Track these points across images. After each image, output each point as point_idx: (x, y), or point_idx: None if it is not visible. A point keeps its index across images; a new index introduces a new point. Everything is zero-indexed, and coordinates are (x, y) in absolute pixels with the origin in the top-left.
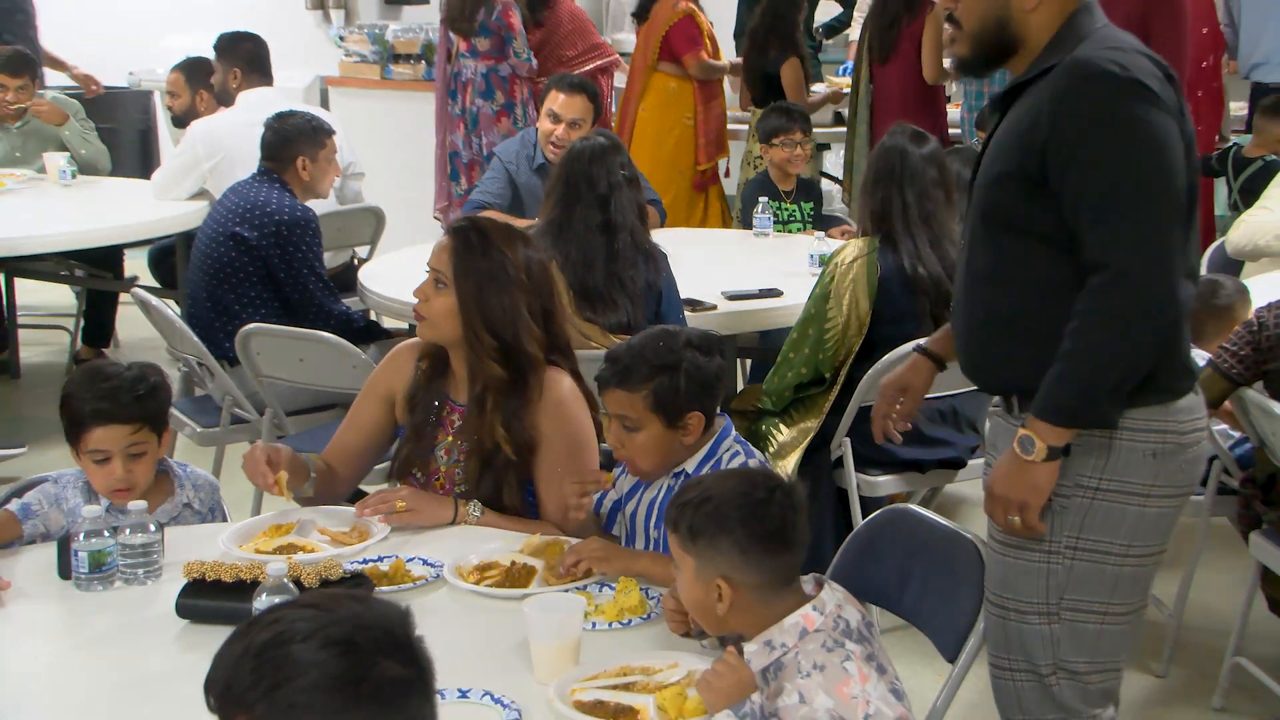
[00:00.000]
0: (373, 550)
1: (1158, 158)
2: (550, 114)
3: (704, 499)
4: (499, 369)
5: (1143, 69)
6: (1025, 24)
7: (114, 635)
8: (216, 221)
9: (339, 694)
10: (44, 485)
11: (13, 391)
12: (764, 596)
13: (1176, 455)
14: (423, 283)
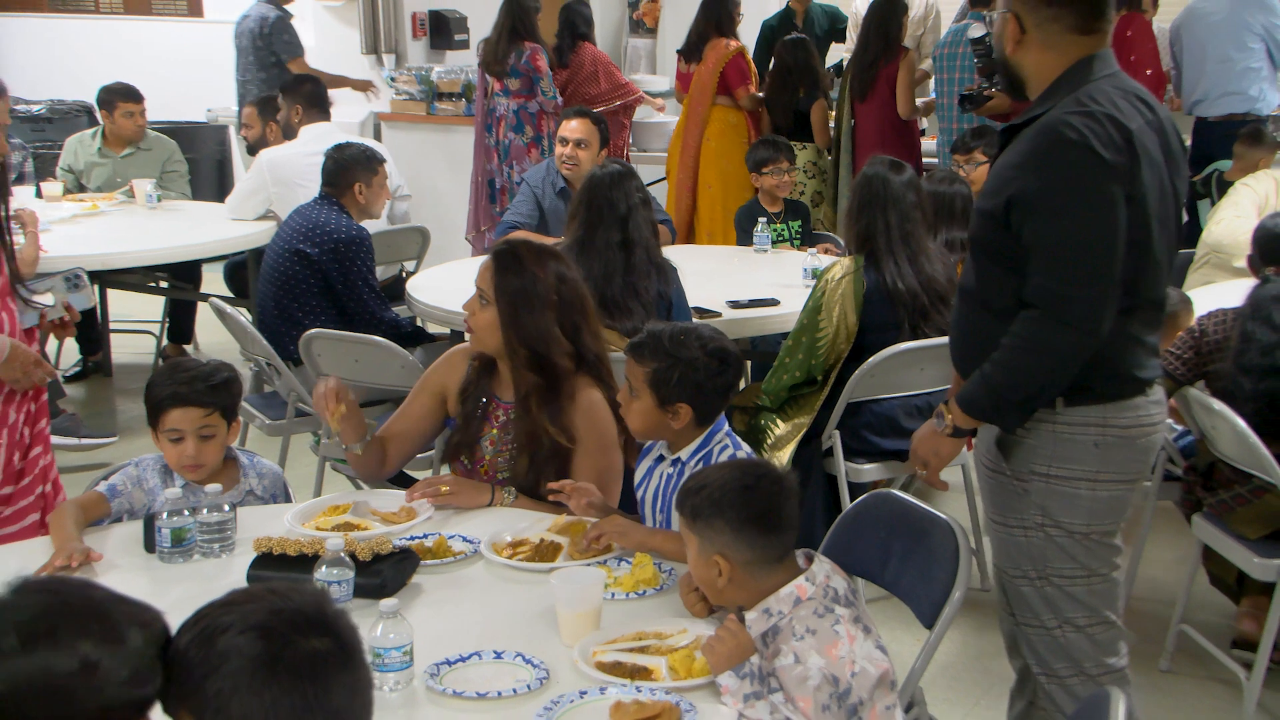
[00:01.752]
0: (419, 528)
1: (1096, 225)
2: (561, 139)
3: (703, 486)
4: (533, 376)
5: (1102, 133)
6: (1020, 64)
7: (192, 602)
8: (282, 239)
9: (260, 673)
10: (127, 469)
11: (105, 388)
12: (757, 571)
13: (1121, 447)
14: (470, 298)
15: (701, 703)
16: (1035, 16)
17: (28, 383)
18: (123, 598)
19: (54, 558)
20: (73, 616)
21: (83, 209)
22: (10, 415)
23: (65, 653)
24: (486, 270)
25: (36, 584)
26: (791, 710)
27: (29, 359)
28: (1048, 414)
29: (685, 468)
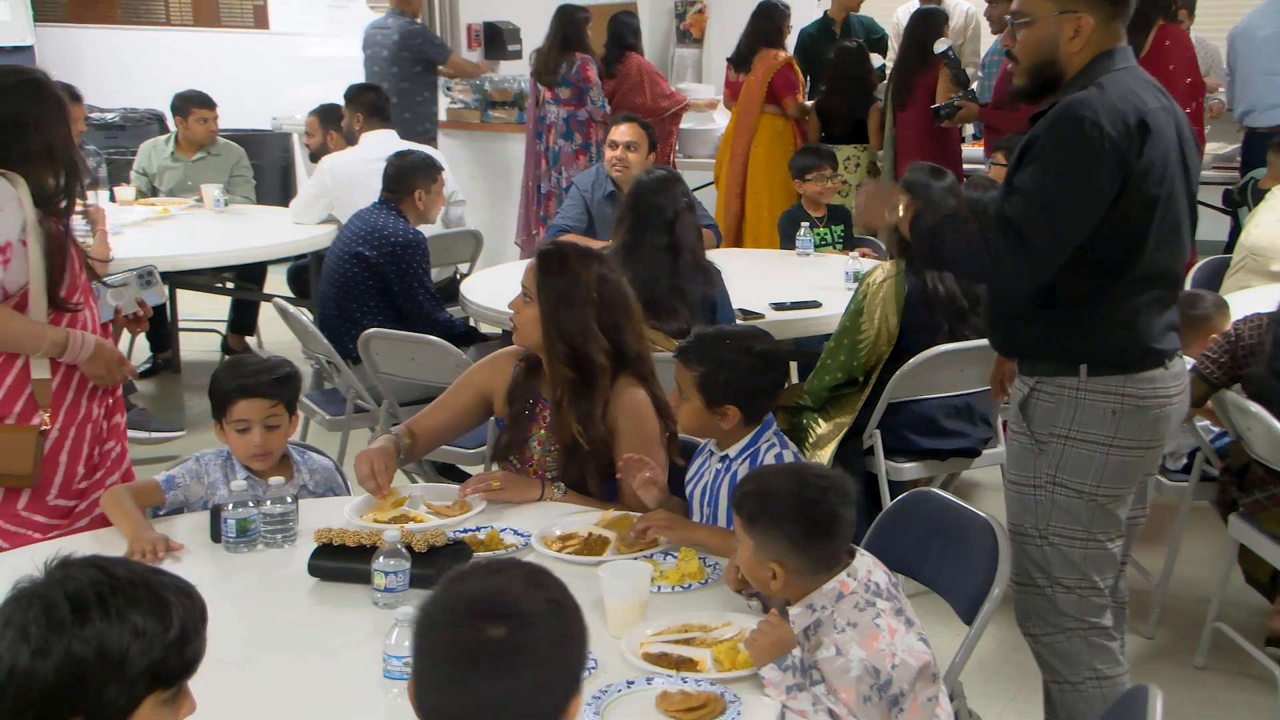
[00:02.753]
0: (472, 522)
1: (1075, 195)
2: (610, 143)
3: (763, 491)
4: (568, 372)
5: (1113, 113)
6: (1069, 62)
7: (255, 590)
8: (343, 243)
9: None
10: (188, 463)
11: (174, 384)
12: (809, 577)
13: (1136, 415)
14: (516, 296)
15: (745, 694)
16: (1100, 14)
17: (110, 380)
18: (159, 570)
19: (131, 548)
20: (119, 588)
21: (154, 212)
22: (92, 410)
23: (117, 621)
24: (531, 269)
25: (79, 560)
26: (833, 701)
27: (113, 357)
28: (1071, 381)
29: (733, 464)
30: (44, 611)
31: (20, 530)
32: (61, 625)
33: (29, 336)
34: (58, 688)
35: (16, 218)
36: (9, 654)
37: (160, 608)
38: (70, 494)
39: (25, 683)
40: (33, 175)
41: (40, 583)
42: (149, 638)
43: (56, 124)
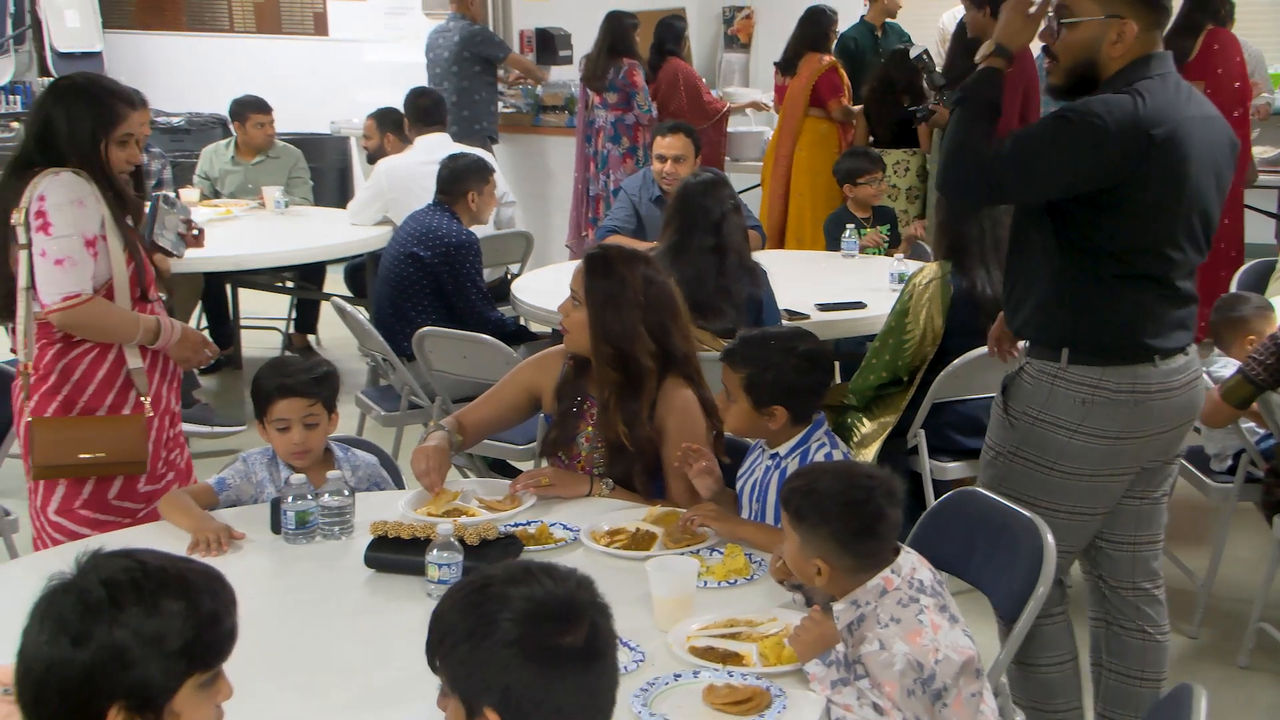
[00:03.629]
0: (522, 516)
1: (1054, 156)
2: (658, 156)
3: (810, 489)
4: (614, 374)
5: (1121, 112)
6: (1108, 66)
7: (313, 580)
8: (398, 243)
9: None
10: (236, 464)
11: (235, 380)
12: (854, 575)
13: (1106, 406)
14: (565, 300)
15: (791, 688)
16: (1144, 19)
17: (195, 362)
18: (187, 558)
19: (195, 539)
20: (150, 574)
21: (217, 214)
22: (171, 399)
23: (151, 605)
24: (579, 272)
25: (109, 551)
26: (877, 695)
27: (198, 339)
28: (1052, 366)
29: (783, 461)
30: (80, 600)
31: (111, 519)
32: (98, 612)
33: (126, 324)
34: (98, 673)
35: (97, 213)
36: (49, 645)
37: (190, 591)
38: (154, 478)
39: (67, 671)
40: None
41: (76, 575)
42: (182, 619)
43: (110, 127)
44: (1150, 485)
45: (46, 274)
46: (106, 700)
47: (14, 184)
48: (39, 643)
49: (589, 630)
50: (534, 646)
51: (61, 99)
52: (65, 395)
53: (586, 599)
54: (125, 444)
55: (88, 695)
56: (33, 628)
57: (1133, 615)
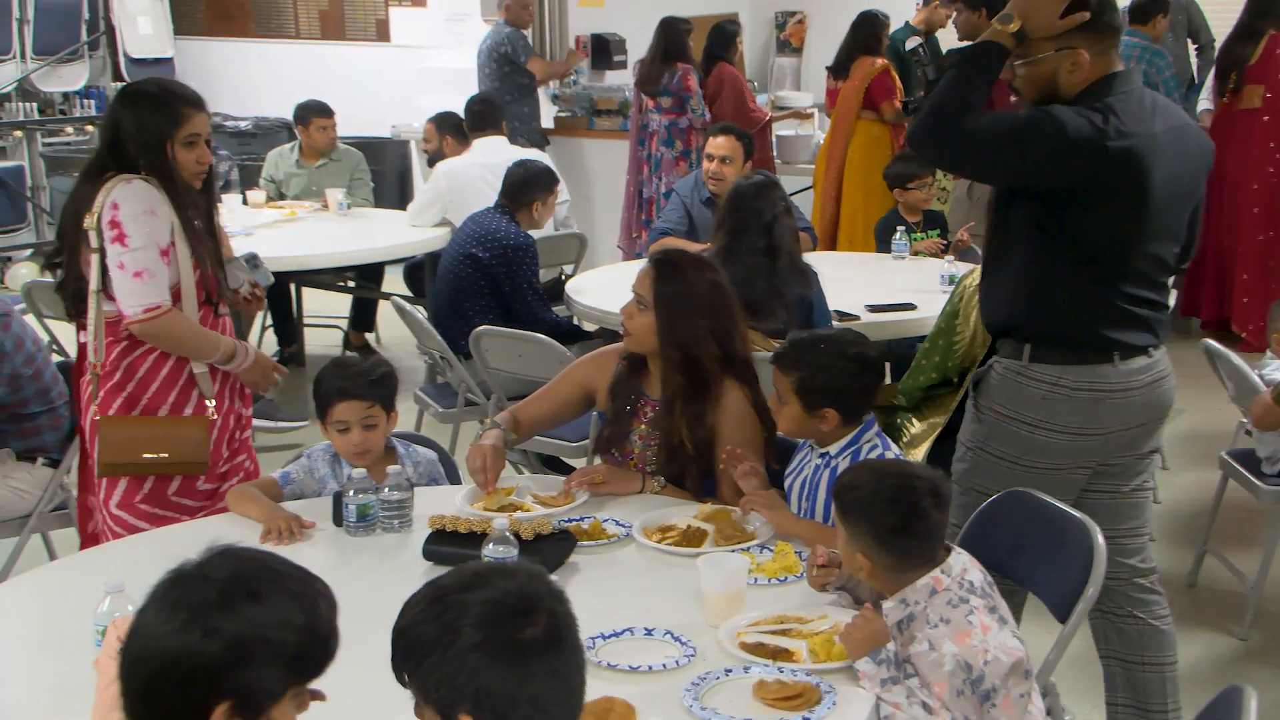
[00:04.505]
0: (576, 512)
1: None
2: (707, 155)
3: (855, 484)
4: (681, 378)
5: (1081, 127)
6: (1071, 91)
7: (373, 571)
8: (458, 244)
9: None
10: (301, 460)
11: (299, 377)
12: (898, 572)
13: (1065, 402)
14: (628, 303)
15: (840, 685)
16: (1095, 46)
17: (263, 385)
18: (306, 569)
19: (267, 526)
20: (281, 578)
21: (282, 215)
22: (234, 401)
23: (282, 608)
24: (646, 277)
25: (243, 548)
26: (926, 695)
27: (268, 366)
28: (1015, 364)
29: (833, 460)
30: (217, 593)
31: (169, 514)
32: (233, 607)
33: (205, 343)
34: (222, 668)
35: (167, 221)
36: (179, 633)
37: (311, 603)
38: (214, 477)
39: (194, 662)
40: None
41: (207, 565)
42: (302, 630)
43: (175, 129)
44: (1121, 480)
45: (126, 286)
46: (219, 697)
47: (88, 188)
48: (167, 630)
49: (547, 619)
50: (498, 645)
51: (129, 103)
52: (129, 393)
53: (541, 589)
54: (187, 445)
55: (205, 689)
56: (160, 614)
57: (1125, 604)
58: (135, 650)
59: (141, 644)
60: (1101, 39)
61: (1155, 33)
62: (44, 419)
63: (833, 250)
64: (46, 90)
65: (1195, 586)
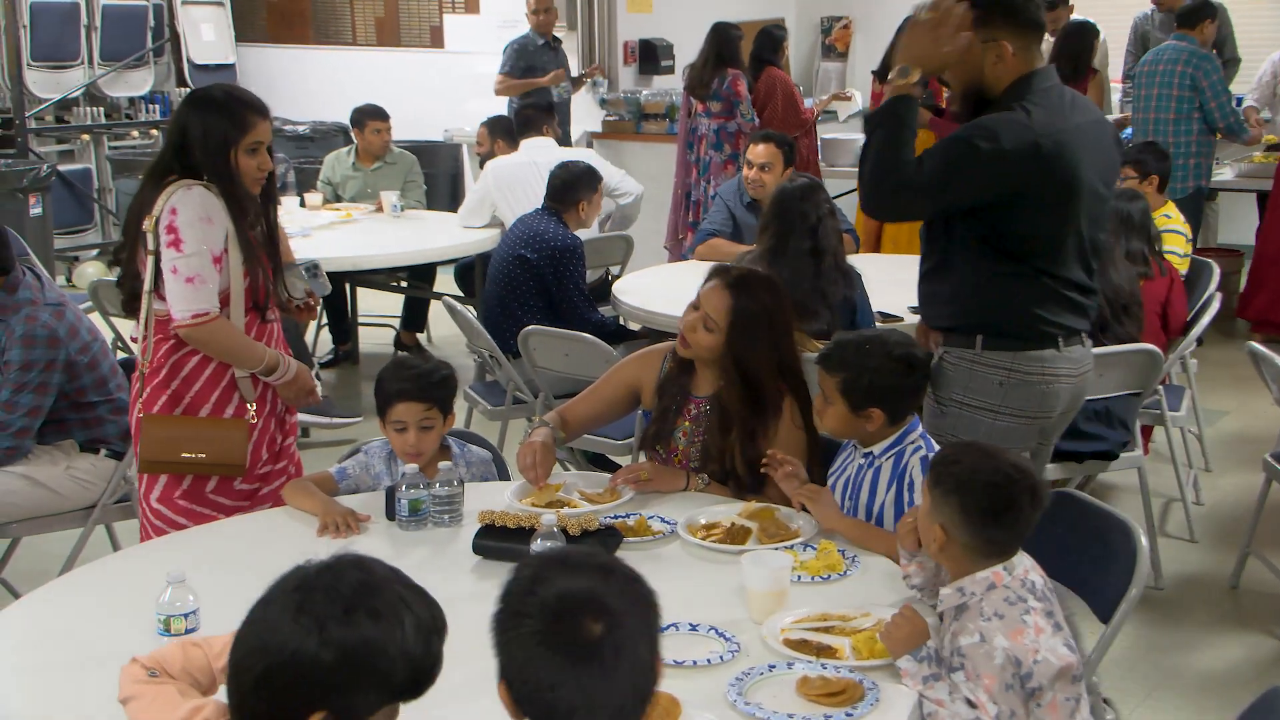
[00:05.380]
0: (622, 509)
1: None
2: (748, 163)
3: (957, 459)
4: (744, 405)
5: (1018, 137)
6: (996, 84)
7: (425, 564)
8: (507, 246)
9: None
10: (358, 455)
11: (353, 374)
12: (972, 555)
13: (1022, 388)
14: (692, 316)
15: (883, 682)
16: (1018, 40)
17: (298, 402)
18: (413, 583)
19: (324, 519)
20: (408, 602)
21: (339, 217)
22: (277, 404)
23: (398, 631)
24: (718, 299)
25: (356, 560)
26: (973, 687)
27: (307, 385)
28: (969, 353)
29: (876, 460)
30: (344, 606)
31: (205, 511)
32: (354, 621)
33: (250, 352)
34: (330, 680)
35: (222, 229)
36: (298, 637)
37: (427, 633)
38: (253, 479)
39: (303, 667)
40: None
41: (339, 574)
42: (412, 660)
43: (240, 134)
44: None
45: (178, 290)
46: (319, 706)
47: (151, 190)
48: (292, 631)
49: (604, 630)
50: (547, 633)
51: (196, 108)
52: (173, 390)
53: (613, 599)
54: (226, 446)
55: (309, 695)
56: (285, 612)
57: None
58: (254, 641)
59: (261, 637)
60: (1024, 34)
61: (1203, 38)
62: (104, 410)
63: (877, 252)
64: (113, 95)
65: (1238, 588)
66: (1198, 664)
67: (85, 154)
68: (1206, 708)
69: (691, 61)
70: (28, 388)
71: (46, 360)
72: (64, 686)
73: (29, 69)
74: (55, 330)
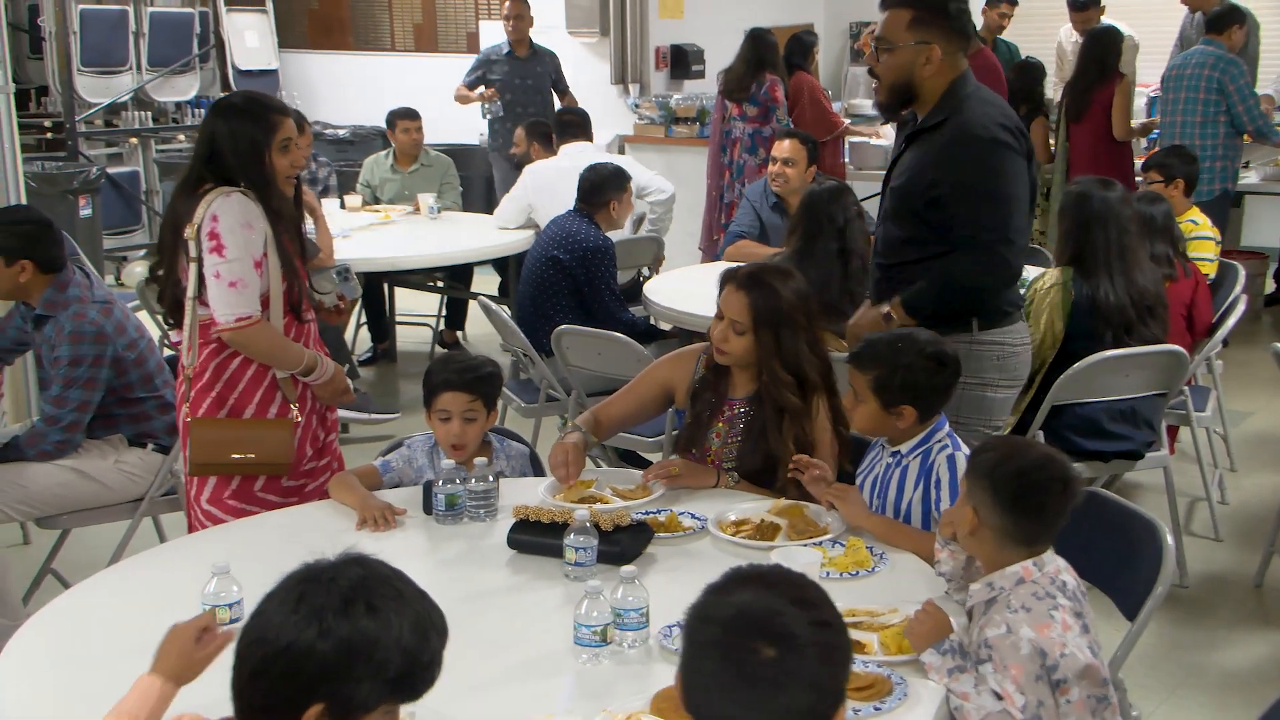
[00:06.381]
0: (653, 505)
1: (1009, 188)
2: (772, 158)
3: (993, 448)
4: (795, 399)
5: (1004, 126)
6: (922, 84)
7: (461, 558)
8: (540, 247)
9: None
10: (400, 450)
11: (390, 372)
12: (1001, 541)
13: (1009, 358)
14: (719, 326)
15: (911, 677)
16: (947, 46)
17: (334, 401)
18: (412, 583)
19: (363, 514)
20: (405, 598)
21: (377, 219)
22: (318, 403)
23: (395, 626)
24: (736, 300)
25: (374, 560)
26: (1000, 679)
27: (343, 386)
28: (967, 336)
29: (904, 459)
30: (341, 599)
31: (254, 509)
32: (351, 614)
33: (289, 354)
34: (326, 670)
35: (262, 234)
36: (295, 628)
37: (423, 630)
38: (299, 475)
39: (299, 658)
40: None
41: (339, 570)
42: (407, 653)
43: (271, 134)
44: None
45: (221, 295)
46: (317, 697)
47: (185, 201)
48: (290, 622)
49: (778, 653)
50: (724, 647)
51: (223, 116)
52: (218, 393)
53: (791, 622)
54: (272, 447)
55: (306, 685)
56: (285, 605)
57: None
58: (254, 633)
59: (261, 628)
60: (953, 41)
61: (1231, 43)
62: (151, 405)
63: None
64: (160, 100)
65: (1261, 587)
66: (1222, 662)
67: (133, 157)
68: (1230, 705)
69: (728, 65)
70: (77, 383)
71: (94, 356)
72: (111, 674)
73: (79, 74)
74: (103, 327)
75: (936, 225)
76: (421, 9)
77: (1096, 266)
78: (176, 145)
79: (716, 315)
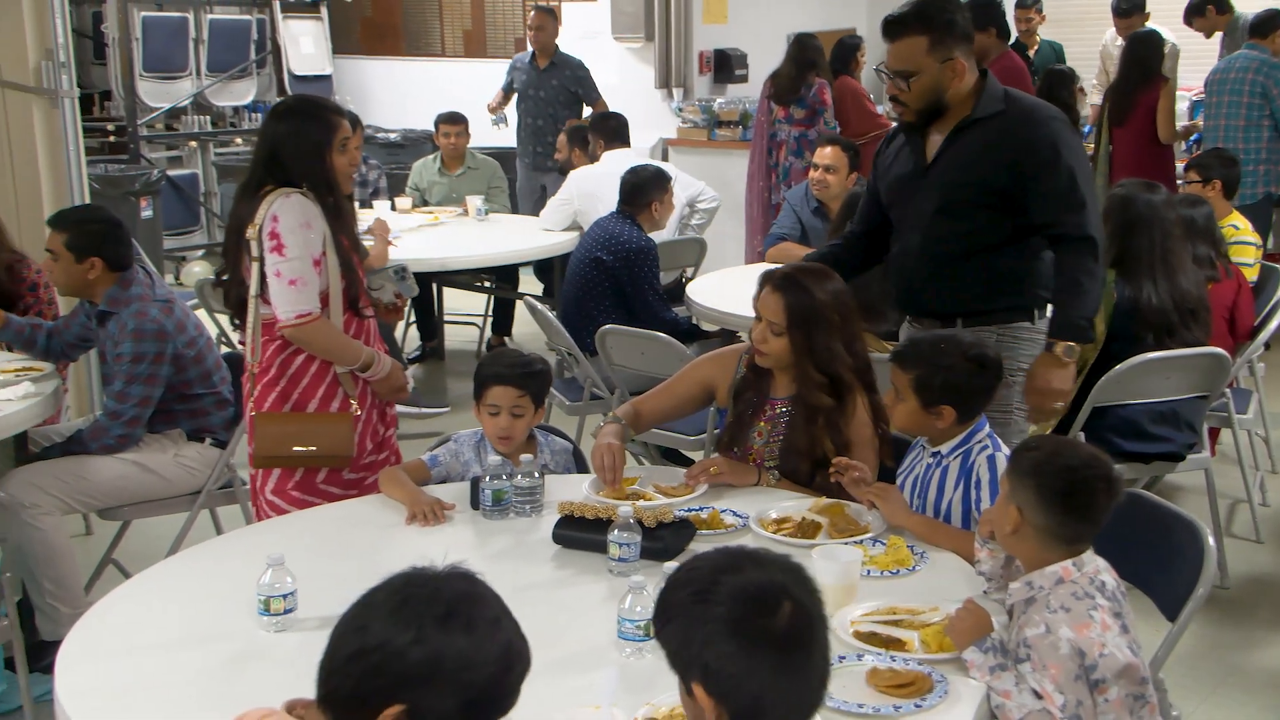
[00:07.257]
0: (695, 502)
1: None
2: (814, 165)
3: (1037, 446)
4: (827, 398)
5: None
6: (955, 96)
7: (507, 552)
8: (584, 248)
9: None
10: (449, 444)
11: (439, 369)
12: (1045, 540)
13: (1040, 344)
14: (758, 329)
15: (952, 675)
16: (966, 51)
17: (390, 397)
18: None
19: (413, 509)
20: (502, 621)
21: (426, 220)
22: (382, 403)
23: (488, 646)
24: (773, 301)
25: (466, 574)
26: (1040, 678)
27: (400, 382)
28: (1028, 327)
29: (944, 460)
30: (444, 610)
31: (316, 500)
32: (449, 627)
33: (348, 351)
34: (411, 675)
35: (320, 233)
36: (390, 630)
37: (508, 660)
38: (359, 468)
39: (390, 657)
40: (318, 193)
41: (446, 580)
42: (490, 679)
43: (331, 135)
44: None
45: (282, 293)
46: (397, 700)
47: (247, 203)
48: (388, 622)
49: (791, 616)
50: (737, 626)
51: (284, 119)
52: (282, 388)
53: (791, 585)
54: (334, 440)
55: (389, 686)
56: (388, 601)
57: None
58: (356, 621)
59: (361, 619)
60: (969, 45)
61: (1276, 47)
62: (209, 401)
63: None
64: (218, 104)
65: None
66: (1261, 662)
67: (192, 160)
68: (1269, 705)
69: (775, 69)
70: (138, 379)
71: (155, 353)
72: (170, 660)
73: (141, 80)
74: (163, 325)
75: (1005, 209)
76: (471, 15)
77: (1139, 270)
78: (234, 148)
79: (755, 318)
